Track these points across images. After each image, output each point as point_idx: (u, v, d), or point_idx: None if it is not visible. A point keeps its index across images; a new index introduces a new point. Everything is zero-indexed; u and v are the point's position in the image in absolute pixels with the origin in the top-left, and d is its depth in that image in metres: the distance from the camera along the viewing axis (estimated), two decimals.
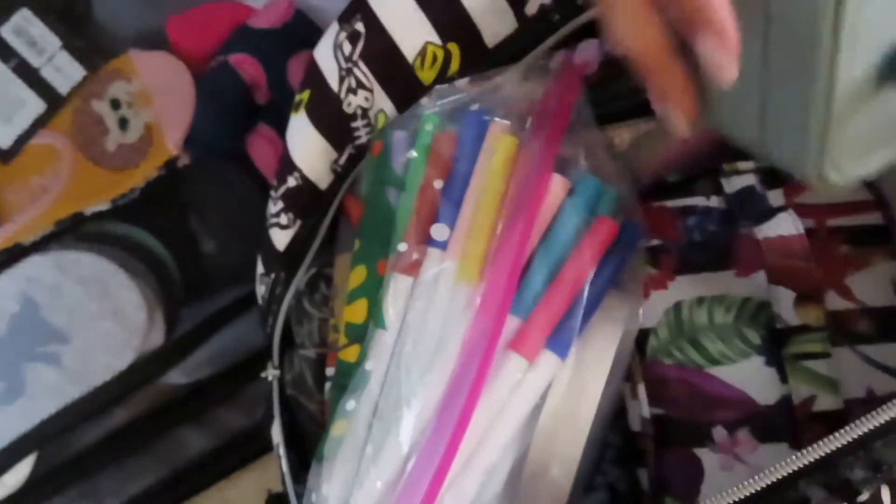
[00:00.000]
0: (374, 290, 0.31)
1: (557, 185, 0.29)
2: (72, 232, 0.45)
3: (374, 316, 0.29)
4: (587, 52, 0.32)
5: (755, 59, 0.25)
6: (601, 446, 0.41)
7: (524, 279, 0.29)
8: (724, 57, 0.26)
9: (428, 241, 0.30)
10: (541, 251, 0.29)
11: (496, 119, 0.31)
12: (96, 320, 0.43)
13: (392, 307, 0.29)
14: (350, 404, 0.28)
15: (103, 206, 0.44)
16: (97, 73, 0.45)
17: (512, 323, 0.28)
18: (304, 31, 0.45)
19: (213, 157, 0.45)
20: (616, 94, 0.42)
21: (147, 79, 0.44)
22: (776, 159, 0.27)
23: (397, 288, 0.29)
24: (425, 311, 0.29)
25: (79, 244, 0.44)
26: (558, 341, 0.28)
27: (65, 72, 0.45)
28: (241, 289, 0.47)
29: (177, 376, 0.48)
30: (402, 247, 0.29)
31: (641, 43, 0.26)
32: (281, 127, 0.39)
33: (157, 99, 0.44)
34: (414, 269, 0.30)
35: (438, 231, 0.29)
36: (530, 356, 0.27)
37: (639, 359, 0.36)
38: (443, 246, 0.30)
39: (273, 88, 0.45)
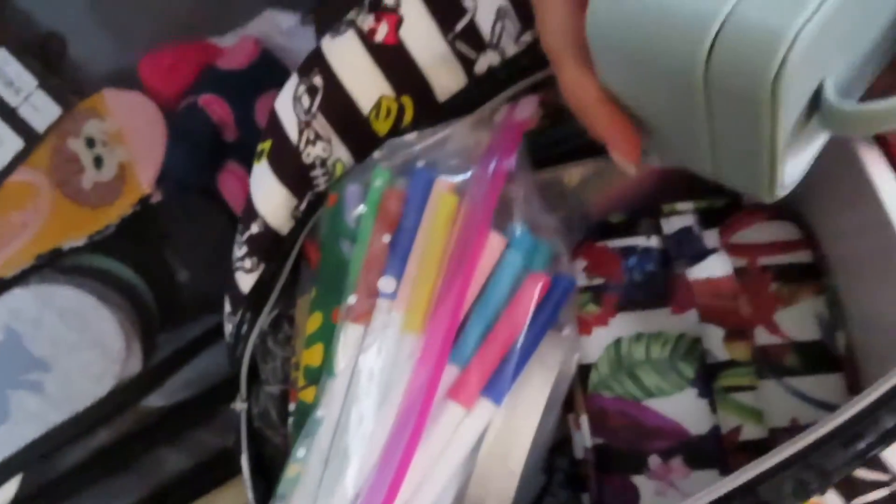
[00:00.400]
0: (329, 336, 0.33)
1: (494, 242, 0.31)
2: (52, 265, 0.48)
3: (327, 363, 0.32)
4: (527, 109, 0.34)
5: (701, 122, 0.26)
6: (549, 471, 0.43)
7: (463, 331, 0.31)
8: (622, 161, 0.28)
9: (376, 292, 0.32)
10: (479, 305, 0.31)
11: (441, 177, 0.33)
12: (76, 350, 0.46)
13: (342, 356, 0.31)
14: (301, 452, 0.30)
15: (80, 241, 0.46)
16: (72, 111, 0.47)
17: (451, 372, 0.30)
18: (270, 71, 0.47)
19: (184, 193, 0.47)
20: (566, 134, 0.45)
21: (120, 118, 0.46)
22: (731, 187, 0.29)
23: (347, 337, 0.31)
24: (374, 360, 0.31)
25: (58, 277, 0.46)
26: (494, 389, 0.30)
27: (41, 110, 0.47)
28: (215, 316, 0.49)
29: (156, 399, 0.51)
30: (352, 299, 0.32)
31: (584, 97, 0.28)
32: (249, 163, 0.41)
33: (130, 138, 0.46)
34: (364, 318, 0.32)
35: (386, 283, 0.32)
36: (467, 404, 0.30)
37: (581, 392, 0.39)
38: (391, 297, 0.32)
39: (241, 127, 0.46)
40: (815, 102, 0.26)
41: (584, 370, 0.38)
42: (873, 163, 0.35)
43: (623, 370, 0.38)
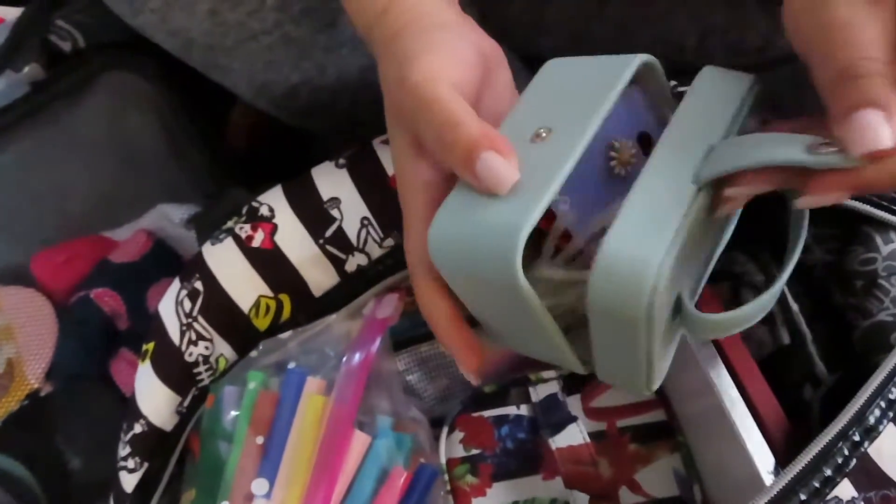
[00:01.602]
0: None
1: (359, 440, 0.33)
2: None
3: None
4: (388, 307, 0.38)
5: (556, 340, 0.29)
6: None
7: None
8: (468, 372, 0.32)
9: (251, 495, 0.33)
10: (347, 502, 0.33)
11: (312, 375, 0.36)
12: None
13: None
14: None
15: None
16: None
17: None
18: (163, 260, 0.50)
19: (75, 382, 0.47)
20: None
21: (10, 314, 0.47)
22: (611, 384, 0.32)
23: None
24: None
25: None
26: None
27: None
28: None
29: None
30: None
31: (433, 312, 0.31)
32: (141, 350, 0.43)
33: (20, 334, 0.47)
34: None
35: (259, 486, 0.33)
36: None
37: None
38: (266, 498, 0.34)
39: (133, 316, 0.48)
40: (675, 310, 0.29)
41: None
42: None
43: None
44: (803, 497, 0.31)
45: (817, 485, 0.32)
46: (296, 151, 0.60)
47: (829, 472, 0.32)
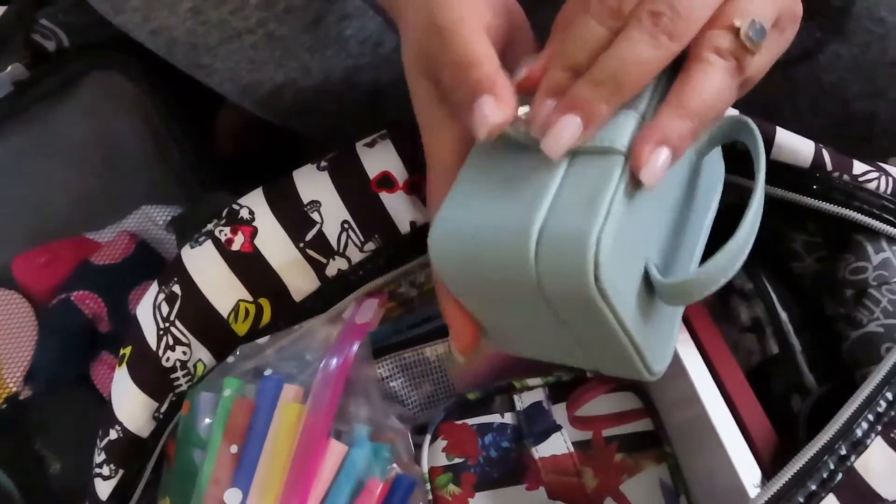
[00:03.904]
0: None
1: (335, 450, 0.33)
2: None
3: None
4: (367, 313, 0.37)
5: (559, 328, 0.29)
6: None
7: None
8: (454, 349, 0.31)
9: None
10: None
11: (288, 383, 0.35)
12: None
13: None
14: None
15: None
16: None
17: None
18: (145, 263, 0.49)
19: (55, 385, 0.47)
20: (422, 318, 0.48)
21: None
22: (613, 375, 0.32)
23: None
24: None
25: None
26: None
27: None
28: None
29: None
30: None
31: (441, 287, 0.31)
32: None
33: None
34: None
35: (232, 496, 0.33)
36: None
37: None
38: None
39: (114, 319, 0.48)
40: (649, 285, 0.29)
41: None
42: (684, 347, 0.39)
43: None
44: None
45: (801, 500, 0.31)
46: (284, 153, 0.59)
47: (813, 487, 0.31)
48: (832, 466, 0.30)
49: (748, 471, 0.34)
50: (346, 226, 0.39)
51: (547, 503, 0.39)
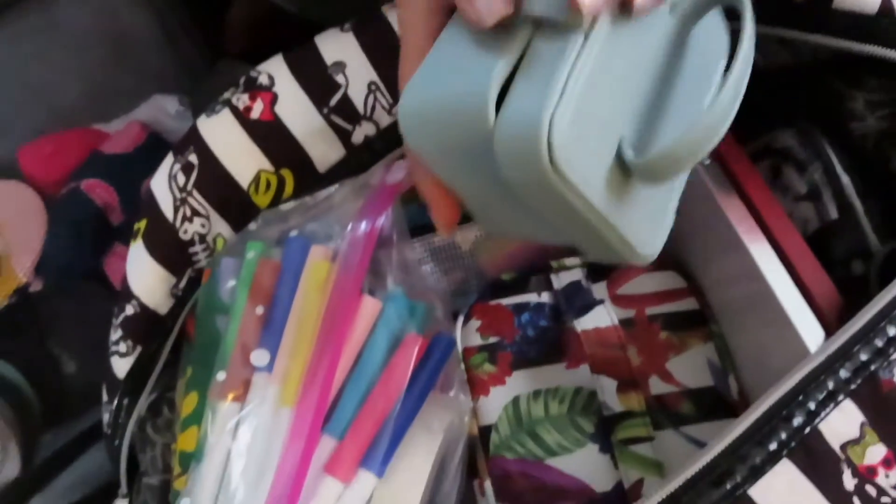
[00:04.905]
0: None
1: (368, 306, 0.31)
2: None
3: (197, 448, 0.30)
4: (398, 173, 0.35)
5: (533, 212, 0.27)
6: None
7: (339, 401, 0.30)
8: (438, 224, 0.29)
9: (251, 367, 0.31)
10: (354, 372, 0.30)
11: (315, 244, 0.33)
12: None
13: (213, 437, 0.30)
14: None
15: None
16: None
17: (328, 444, 0.29)
18: (157, 153, 0.46)
19: (67, 279, 0.45)
20: None
21: None
22: (601, 260, 0.29)
23: (218, 417, 0.30)
24: (251, 438, 0.30)
25: None
26: (373, 460, 0.29)
27: None
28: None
29: None
30: (221, 376, 0.30)
31: (415, 165, 0.29)
32: None
33: (7, 228, 0.44)
34: (239, 395, 0.31)
35: (259, 357, 0.31)
36: (346, 478, 0.28)
37: (483, 455, 0.38)
38: (267, 370, 0.31)
39: (127, 210, 0.45)
40: (622, 165, 0.26)
41: (484, 432, 0.37)
42: (738, 217, 0.36)
43: (523, 429, 0.37)
44: (864, 357, 0.28)
45: (865, 358, 0.29)
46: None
47: (880, 344, 0.29)
48: None
49: (811, 333, 0.32)
50: (373, 87, 0.36)
51: (589, 379, 0.37)
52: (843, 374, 0.26)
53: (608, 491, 0.36)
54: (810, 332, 0.32)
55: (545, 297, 0.40)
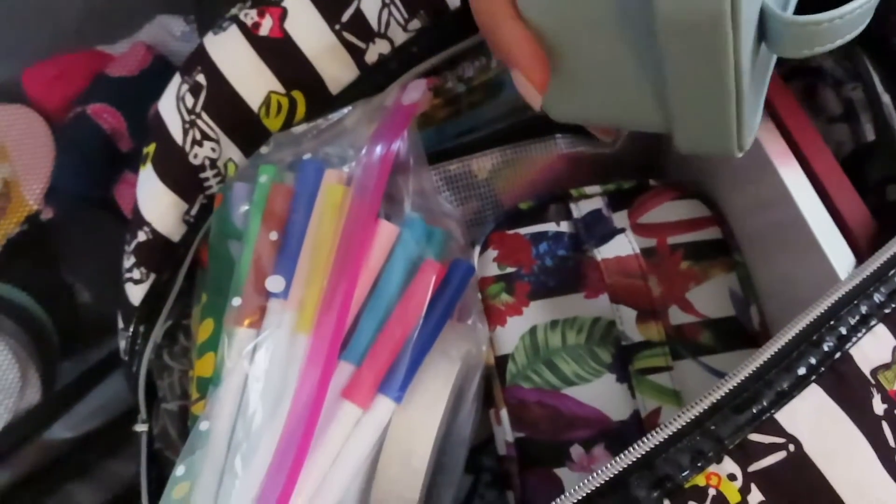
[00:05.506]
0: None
1: (385, 231, 0.30)
2: None
3: (215, 373, 0.30)
4: (415, 93, 0.33)
5: (649, 69, 0.25)
6: (475, 472, 0.42)
7: (357, 326, 0.29)
8: (527, 94, 0.27)
9: (266, 293, 0.30)
10: (371, 298, 0.29)
11: (329, 168, 0.32)
12: None
13: (230, 362, 0.29)
14: (180, 470, 0.28)
15: None
16: None
17: (346, 370, 0.29)
18: (164, 77, 0.44)
19: (78, 207, 0.44)
20: (472, 125, 0.44)
21: (3, 133, 0.43)
22: (689, 147, 0.27)
23: (234, 342, 0.29)
24: (267, 363, 0.29)
25: None
26: (391, 385, 0.28)
27: None
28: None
29: (61, 430, 0.47)
30: (236, 301, 0.30)
31: (496, 12, 0.26)
32: None
33: (15, 153, 0.43)
34: (255, 321, 0.30)
35: (274, 283, 0.30)
36: (363, 403, 0.28)
37: (500, 385, 0.38)
38: (282, 296, 0.30)
39: (135, 136, 0.44)
40: (759, 31, 0.24)
41: (501, 362, 0.37)
42: (769, 140, 0.35)
43: (540, 359, 0.37)
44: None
45: None
46: None
47: None
48: None
49: (842, 260, 0.31)
50: (387, 1, 0.34)
51: (609, 309, 0.37)
52: (878, 297, 0.25)
53: (625, 419, 0.36)
54: (841, 259, 0.31)
55: (564, 227, 0.39)
